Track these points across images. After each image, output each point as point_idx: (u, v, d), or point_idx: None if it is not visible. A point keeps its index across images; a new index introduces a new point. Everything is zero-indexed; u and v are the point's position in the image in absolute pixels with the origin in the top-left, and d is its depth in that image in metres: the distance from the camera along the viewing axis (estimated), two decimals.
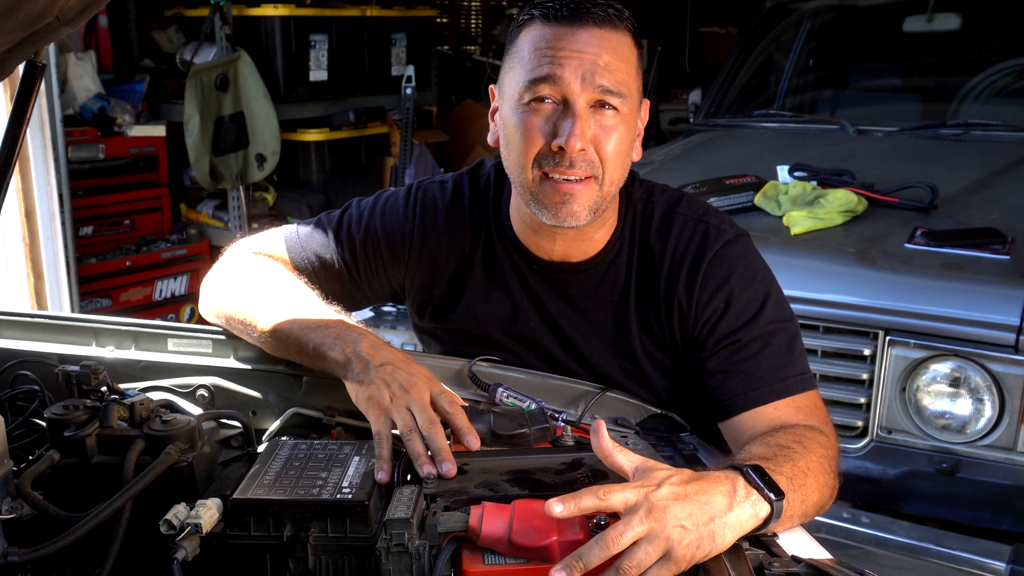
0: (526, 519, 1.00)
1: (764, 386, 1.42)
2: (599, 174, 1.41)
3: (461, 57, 7.77)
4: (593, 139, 1.40)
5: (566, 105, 1.39)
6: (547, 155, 1.41)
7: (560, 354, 1.57)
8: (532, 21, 1.42)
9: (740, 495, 1.08)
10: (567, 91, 1.38)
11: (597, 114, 1.40)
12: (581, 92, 1.37)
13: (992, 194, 2.82)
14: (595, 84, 1.37)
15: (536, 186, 1.43)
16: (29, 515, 1.12)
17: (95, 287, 4.54)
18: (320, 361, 1.37)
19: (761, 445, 1.29)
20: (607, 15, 1.40)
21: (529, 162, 1.42)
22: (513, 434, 1.25)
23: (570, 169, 1.39)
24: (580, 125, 1.37)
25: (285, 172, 5.23)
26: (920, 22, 3.75)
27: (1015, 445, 2.27)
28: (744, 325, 1.46)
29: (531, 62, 1.40)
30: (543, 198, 1.43)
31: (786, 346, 1.47)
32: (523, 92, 1.41)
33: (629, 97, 1.41)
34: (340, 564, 1.08)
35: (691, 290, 1.48)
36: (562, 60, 1.38)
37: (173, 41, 5.20)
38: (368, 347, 1.34)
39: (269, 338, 1.45)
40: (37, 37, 1.12)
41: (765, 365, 1.44)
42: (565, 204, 1.42)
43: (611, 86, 1.38)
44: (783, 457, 1.22)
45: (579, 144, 1.37)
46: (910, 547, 2.34)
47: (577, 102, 1.38)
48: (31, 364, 1.49)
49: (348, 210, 1.68)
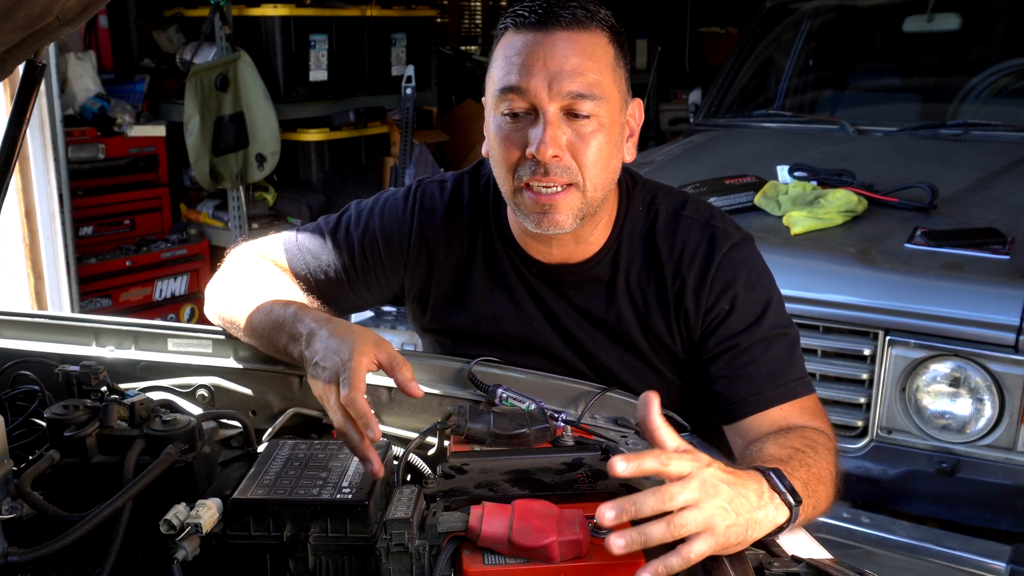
0: (526, 519, 1.00)
1: (767, 390, 1.43)
2: (579, 180, 1.40)
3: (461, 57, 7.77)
4: (569, 145, 1.38)
5: (536, 113, 1.38)
6: (524, 164, 1.40)
7: (565, 353, 1.57)
8: (505, 31, 1.42)
9: (766, 497, 1.08)
10: (535, 100, 1.37)
11: (571, 120, 1.38)
12: (550, 100, 1.36)
13: (992, 194, 2.82)
14: (564, 91, 1.36)
15: (518, 196, 1.43)
16: (29, 515, 1.12)
17: (95, 287, 4.54)
18: (293, 360, 1.37)
19: (775, 446, 1.29)
20: (575, 16, 1.37)
21: (509, 172, 1.42)
22: (513, 434, 1.25)
23: (547, 177, 1.39)
24: (550, 132, 1.36)
25: (285, 172, 5.23)
26: (920, 22, 3.75)
27: (1015, 445, 2.27)
28: (746, 329, 1.47)
29: (501, 71, 1.40)
30: (525, 208, 1.43)
31: (787, 351, 1.48)
32: (497, 102, 1.41)
33: (606, 99, 1.39)
34: (340, 564, 1.08)
35: (700, 292, 1.49)
36: (529, 68, 1.36)
37: (173, 41, 5.19)
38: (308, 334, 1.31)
39: (252, 338, 1.46)
40: (37, 37, 1.12)
41: (767, 370, 1.45)
42: (546, 214, 1.41)
43: (581, 90, 1.36)
44: (798, 461, 1.23)
45: (550, 151, 1.36)
46: (910, 547, 2.34)
47: (547, 110, 1.36)
48: (31, 364, 1.49)
49: (346, 213, 1.68)
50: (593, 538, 1.00)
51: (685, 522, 0.99)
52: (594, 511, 1.00)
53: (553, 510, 1.02)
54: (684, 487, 1.00)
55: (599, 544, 0.98)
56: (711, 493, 1.01)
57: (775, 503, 1.09)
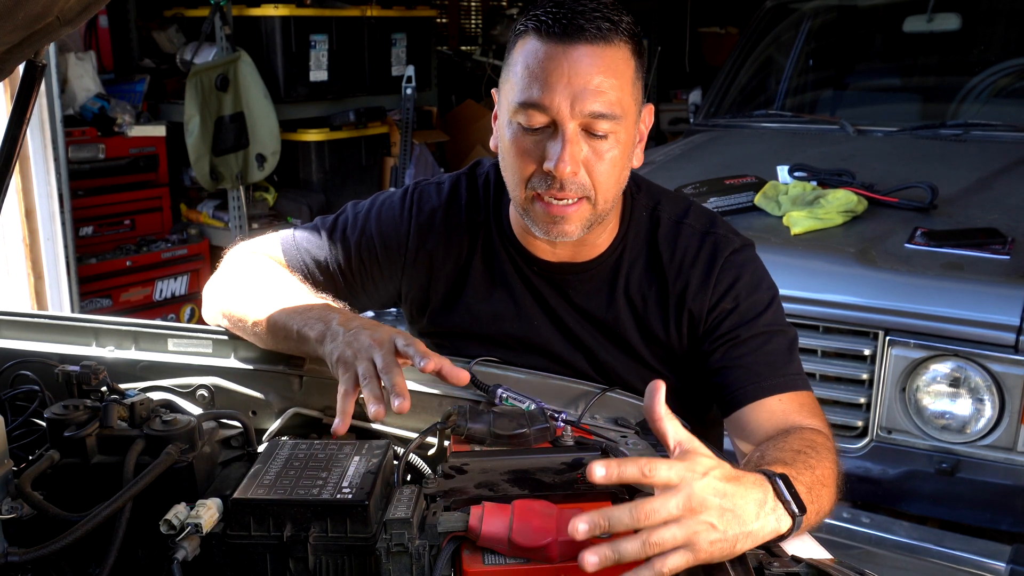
0: (526, 519, 1.00)
1: (765, 380, 1.44)
2: (591, 195, 1.41)
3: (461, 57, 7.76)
4: (585, 162, 1.38)
5: (556, 128, 1.37)
6: (539, 177, 1.40)
7: (566, 351, 1.58)
8: (527, 34, 1.40)
9: (768, 507, 1.05)
10: (556, 116, 1.36)
11: (590, 138, 1.38)
12: (571, 117, 1.35)
13: (992, 194, 2.83)
14: (585, 110, 1.35)
15: (529, 204, 1.44)
16: (29, 515, 1.12)
17: (95, 287, 4.54)
18: (304, 344, 1.37)
19: (777, 450, 1.28)
20: (600, 31, 1.35)
21: (522, 182, 1.42)
22: (513, 434, 1.25)
23: (561, 192, 1.39)
24: (570, 150, 1.35)
25: (285, 172, 5.23)
26: (920, 22, 3.75)
27: (1015, 445, 2.27)
28: (746, 323, 1.49)
29: (522, 81, 1.38)
30: (535, 217, 1.44)
31: (785, 348, 1.50)
32: (515, 111, 1.40)
33: (624, 117, 1.39)
34: (340, 564, 1.08)
35: (703, 291, 1.51)
36: (552, 84, 1.35)
37: (173, 41, 5.19)
38: (342, 320, 1.34)
39: (259, 329, 1.45)
40: (37, 37, 1.11)
41: (764, 360, 1.46)
42: (556, 224, 1.42)
43: (603, 110, 1.35)
44: (802, 464, 1.21)
45: (568, 168, 1.36)
46: (910, 547, 2.34)
47: (567, 127, 1.35)
48: (31, 364, 1.48)
49: (344, 213, 1.68)
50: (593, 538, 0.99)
51: (662, 540, 0.95)
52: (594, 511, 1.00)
53: (553, 510, 1.02)
54: (665, 503, 0.96)
55: (599, 544, 0.98)
56: (696, 509, 0.97)
57: (777, 514, 1.06)
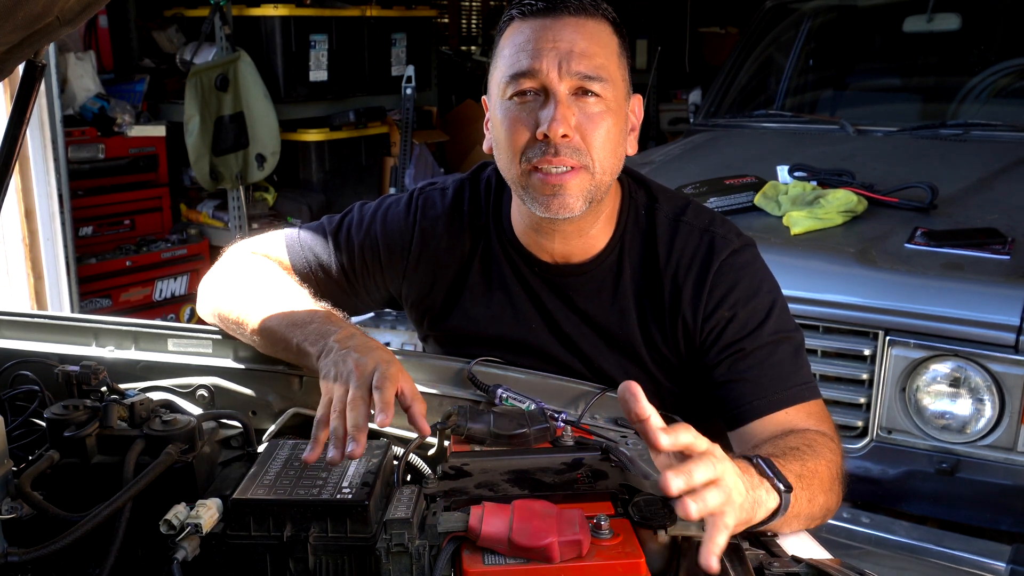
0: (526, 519, 1.00)
1: (772, 394, 1.42)
2: (588, 163, 1.41)
3: (461, 57, 7.77)
4: (578, 126, 1.40)
5: (547, 94, 1.40)
6: (533, 146, 1.41)
7: (563, 355, 1.57)
8: (511, 22, 1.45)
9: (755, 481, 1.08)
10: (546, 80, 1.39)
11: (580, 101, 1.40)
12: (560, 80, 1.38)
13: (992, 194, 2.82)
14: (573, 71, 1.38)
15: (526, 179, 1.43)
16: (29, 515, 1.12)
17: (95, 287, 4.54)
18: (304, 358, 1.37)
19: (770, 446, 1.29)
20: (581, 4, 1.42)
21: (517, 155, 1.42)
22: (513, 434, 1.25)
23: (556, 158, 1.39)
24: (561, 110, 1.38)
25: (285, 172, 5.23)
26: (920, 22, 3.74)
27: (1015, 445, 2.27)
28: (749, 334, 1.46)
29: (510, 58, 1.42)
30: (534, 191, 1.43)
31: (791, 355, 1.46)
32: (505, 87, 1.42)
33: (611, 82, 1.41)
34: (340, 564, 1.08)
35: (697, 300, 1.48)
36: (539, 52, 1.39)
37: (173, 41, 5.19)
38: (341, 337, 1.33)
39: (258, 337, 1.45)
40: (37, 37, 1.12)
41: (771, 374, 1.44)
42: (556, 196, 1.41)
43: (589, 71, 1.39)
44: (792, 456, 1.23)
45: (561, 129, 1.37)
46: (910, 547, 2.34)
47: (557, 89, 1.39)
48: (31, 364, 1.49)
49: (350, 214, 1.68)
50: (593, 538, 1.00)
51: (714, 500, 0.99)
52: (594, 511, 1.00)
53: (553, 510, 1.02)
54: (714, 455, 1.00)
55: (599, 544, 0.98)
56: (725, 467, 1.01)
57: (764, 487, 1.09)
